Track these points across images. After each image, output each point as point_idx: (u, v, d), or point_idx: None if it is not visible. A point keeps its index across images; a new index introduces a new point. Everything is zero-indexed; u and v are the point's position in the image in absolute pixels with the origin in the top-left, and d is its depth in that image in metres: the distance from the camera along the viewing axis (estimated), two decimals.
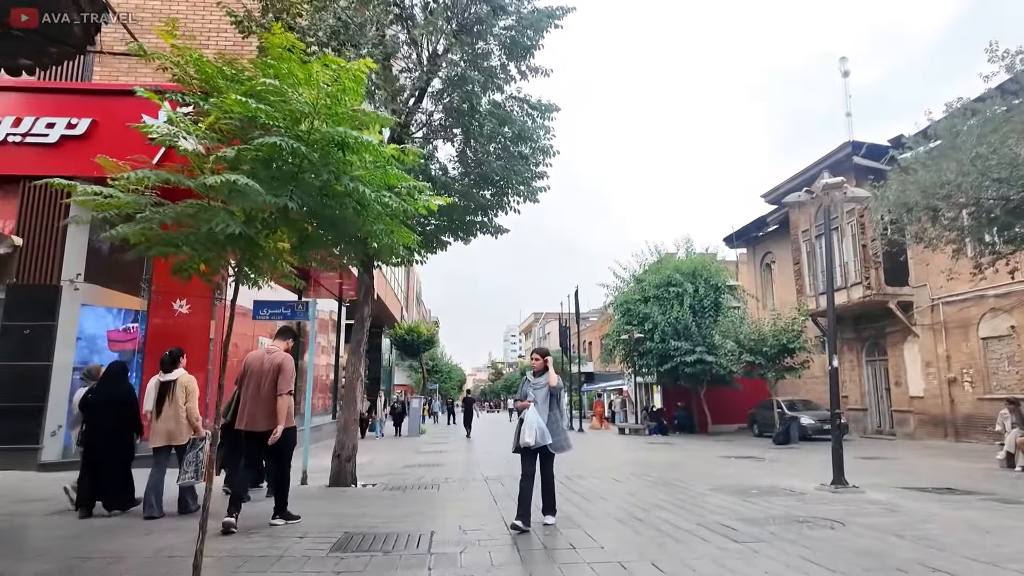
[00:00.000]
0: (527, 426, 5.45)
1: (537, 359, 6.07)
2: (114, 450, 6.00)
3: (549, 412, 5.62)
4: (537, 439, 5.40)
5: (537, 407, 5.57)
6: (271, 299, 9.73)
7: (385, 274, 27.04)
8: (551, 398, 5.69)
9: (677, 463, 11.82)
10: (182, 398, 5.97)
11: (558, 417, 5.75)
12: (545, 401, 5.66)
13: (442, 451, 15.14)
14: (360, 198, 3.77)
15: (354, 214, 4.06)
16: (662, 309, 23.43)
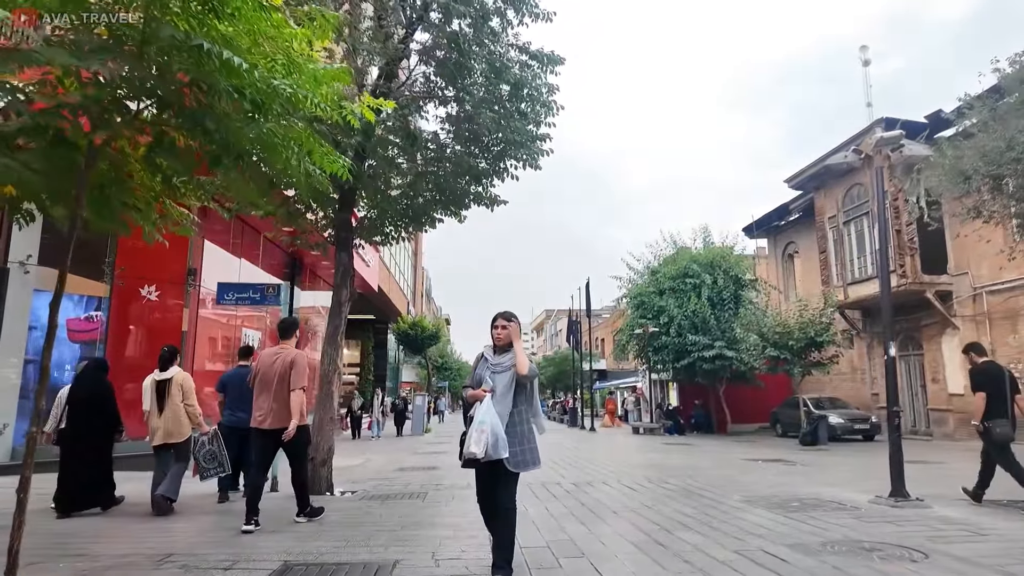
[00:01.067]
0: (475, 428, 3.59)
1: (501, 328, 3.96)
2: (94, 448, 5.91)
3: (513, 409, 3.79)
4: (488, 449, 3.52)
5: (495, 400, 3.71)
6: (240, 282, 8.71)
7: (388, 265, 26.01)
8: (518, 388, 3.84)
9: (698, 467, 10.62)
10: (179, 396, 5.97)
11: (525, 418, 3.88)
12: (508, 392, 3.78)
13: (442, 452, 14.04)
14: (231, 71, 2.56)
15: (232, 111, 2.81)
16: (678, 302, 22.16)
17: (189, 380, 6.16)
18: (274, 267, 14.74)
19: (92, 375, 6.17)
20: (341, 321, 7.87)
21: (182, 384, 6.06)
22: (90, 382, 6.09)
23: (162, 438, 5.91)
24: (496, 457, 3.56)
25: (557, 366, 49.58)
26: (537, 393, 4.06)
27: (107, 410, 6.06)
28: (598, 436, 20.93)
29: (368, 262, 19.03)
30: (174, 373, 6.10)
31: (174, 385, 6.00)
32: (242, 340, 12.48)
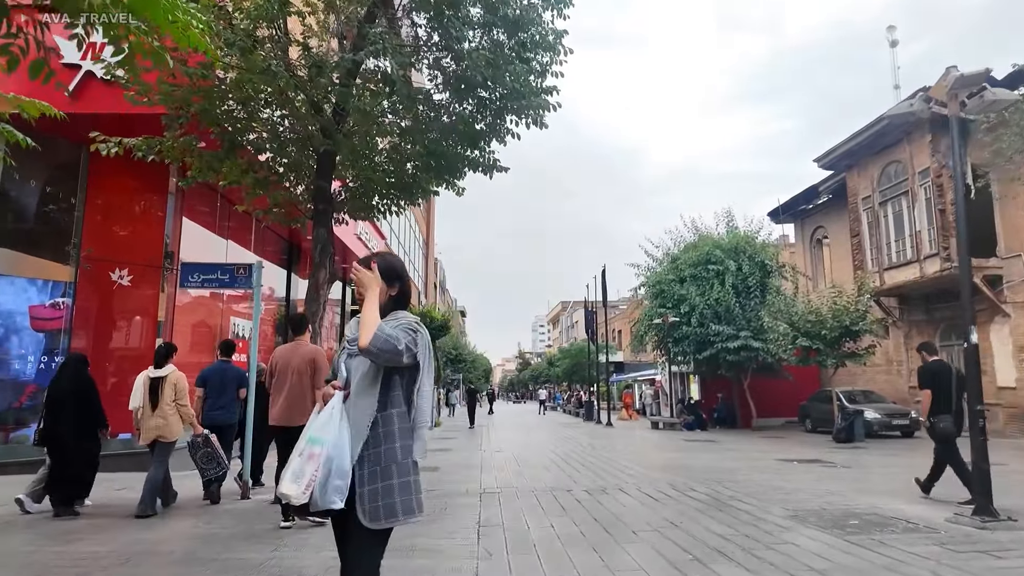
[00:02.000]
0: (299, 451, 2.03)
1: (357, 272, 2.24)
2: (77, 447, 5.73)
3: (380, 414, 2.11)
4: (313, 490, 1.98)
5: (349, 403, 2.12)
6: (204, 262, 7.79)
7: (396, 252, 25.12)
8: (388, 380, 2.13)
9: (727, 469, 9.53)
10: (170, 395, 5.85)
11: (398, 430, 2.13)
12: (371, 387, 2.11)
13: (446, 449, 13.10)
14: None
15: None
16: (700, 290, 20.93)
17: (183, 380, 6.02)
18: (269, 253, 13.84)
19: (73, 369, 5.93)
20: (319, 307, 6.92)
21: (175, 383, 5.92)
22: (72, 377, 5.85)
23: (152, 436, 5.80)
24: (326, 506, 1.98)
25: (573, 358, 48.46)
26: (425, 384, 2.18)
27: (91, 407, 5.87)
28: (615, 431, 19.87)
29: (372, 248, 18.13)
30: (169, 371, 5.96)
31: (167, 384, 5.87)
32: (231, 330, 11.61)
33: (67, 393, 5.72)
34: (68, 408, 5.69)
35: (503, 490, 7.43)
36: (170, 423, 5.84)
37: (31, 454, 8.40)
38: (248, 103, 6.20)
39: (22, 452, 8.31)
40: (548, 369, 61.61)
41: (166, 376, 5.92)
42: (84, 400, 5.80)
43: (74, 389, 5.77)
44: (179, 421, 5.93)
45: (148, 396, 5.85)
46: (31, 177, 8.78)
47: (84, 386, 5.88)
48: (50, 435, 5.67)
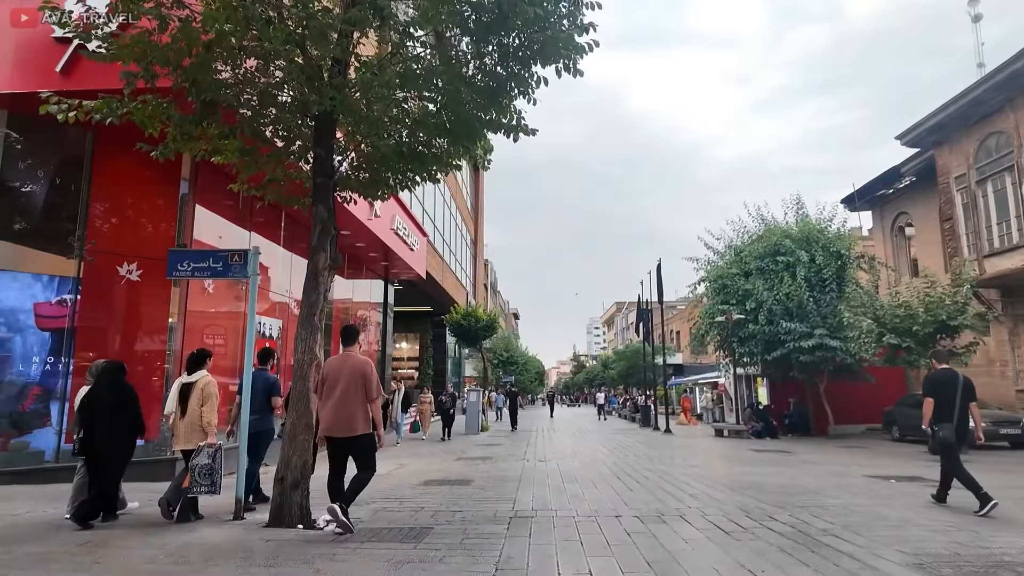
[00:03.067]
0: None
1: None
2: (115, 455, 5.71)
3: None
4: None
5: None
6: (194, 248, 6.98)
7: (440, 253, 24.32)
8: None
9: (810, 489, 8.02)
10: (197, 402, 5.80)
11: None
12: None
13: (486, 457, 12.01)
14: None
15: None
16: (768, 284, 19.10)
17: (212, 386, 5.94)
18: (302, 248, 13.14)
19: (111, 377, 5.84)
20: (319, 297, 5.95)
21: (203, 389, 5.86)
22: (111, 385, 5.78)
23: (182, 444, 5.85)
24: None
25: (628, 360, 46.61)
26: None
27: (132, 414, 5.83)
28: (675, 439, 18.30)
29: (413, 246, 17.29)
30: (198, 377, 5.93)
31: (195, 390, 5.85)
32: (257, 328, 10.91)
33: (106, 402, 5.63)
34: (105, 417, 5.60)
35: (538, 514, 6.25)
36: (197, 432, 5.80)
37: (29, 462, 7.86)
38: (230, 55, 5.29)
39: (23, 460, 7.75)
40: (603, 372, 59.81)
41: (195, 382, 5.88)
42: (123, 408, 5.73)
43: (114, 398, 5.69)
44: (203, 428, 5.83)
45: (179, 403, 5.86)
46: (34, 166, 8.27)
47: (124, 393, 5.80)
48: (89, 445, 5.59)
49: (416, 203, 20.23)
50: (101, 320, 8.51)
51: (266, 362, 7.21)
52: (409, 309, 29.13)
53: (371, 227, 13.49)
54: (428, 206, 22.43)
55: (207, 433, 5.80)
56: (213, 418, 5.88)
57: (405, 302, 27.02)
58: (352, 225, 13.03)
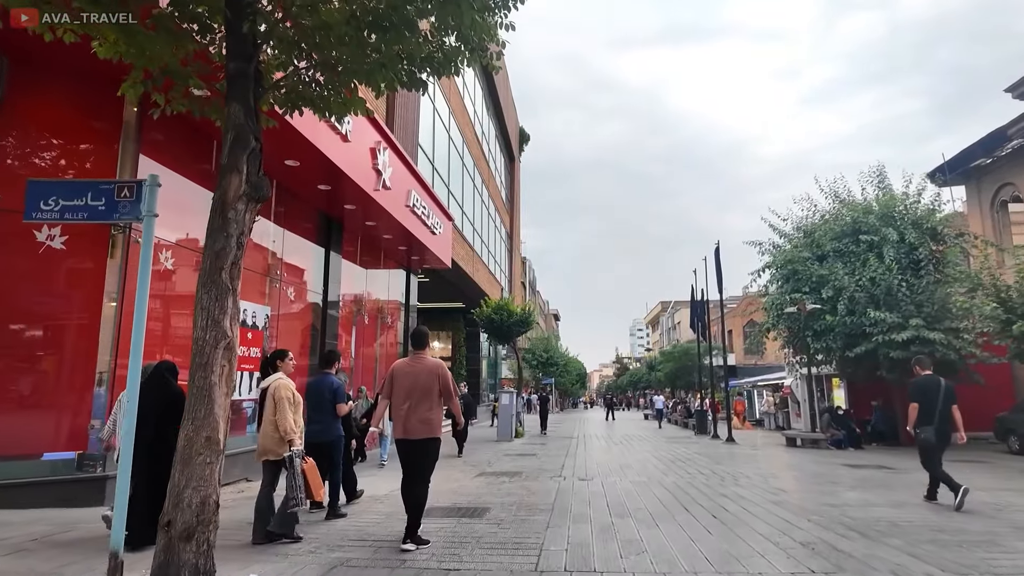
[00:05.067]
0: None
1: None
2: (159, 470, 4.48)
3: None
4: None
5: None
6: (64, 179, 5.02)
7: (470, 241, 22.26)
8: None
9: (979, 534, 5.54)
10: (270, 408, 5.28)
11: None
12: None
13: (516, 472, 9.78)
14: None
15: None
16: (849, 268, 16.33)
17: (283, 389, 5.37)
18: (297, 224, 11.25)
19: (162, 379, 5.21)
20: (229, 243, 3.86)
21: (273, 394, 5.35)
22: (162, 388, 5.14)
23: (259, 454, 5.38)
24: None
25: (677, 361, 43.63)
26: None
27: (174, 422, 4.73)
28: (739, 449, 15.67)
29: (435, 228, 15.25)
30: (272, 381, 5.47)
31: (268, 396, 5.38)
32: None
33: (150, 409, 4.80)
34: (159, 425, 4.87)
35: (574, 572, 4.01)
36: (271, 440, 5.29)
37: None
38: None
39: None
40: (648, 374, 56.77)
41: (268, 387, 5.44)
42: (171, 417, 4.70)
43: (160, 404, 4.98)
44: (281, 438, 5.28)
45: (259, 411, 5.55)
46: None
47: (172, 400, 4.98)
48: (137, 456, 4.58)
49: (439, 183, 18.22)
50: (5, 297, 6.65)
51: (330, 365, 6.81)
52: (439, 305, 27.22)
53: (381, 201, 11.47)
54: (455, 189, 20.41)
55: (289, 441, 5.24)
56: (290, 424, 5.26)
57: (434, 298, 25.09)
58: (357, 197, 11.05)
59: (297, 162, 9.24)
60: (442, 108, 18.85)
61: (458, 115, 20.92)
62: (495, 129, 30.54)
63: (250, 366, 9.28)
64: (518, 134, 37.21)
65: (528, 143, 39.92)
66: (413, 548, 4.87)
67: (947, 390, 7.31)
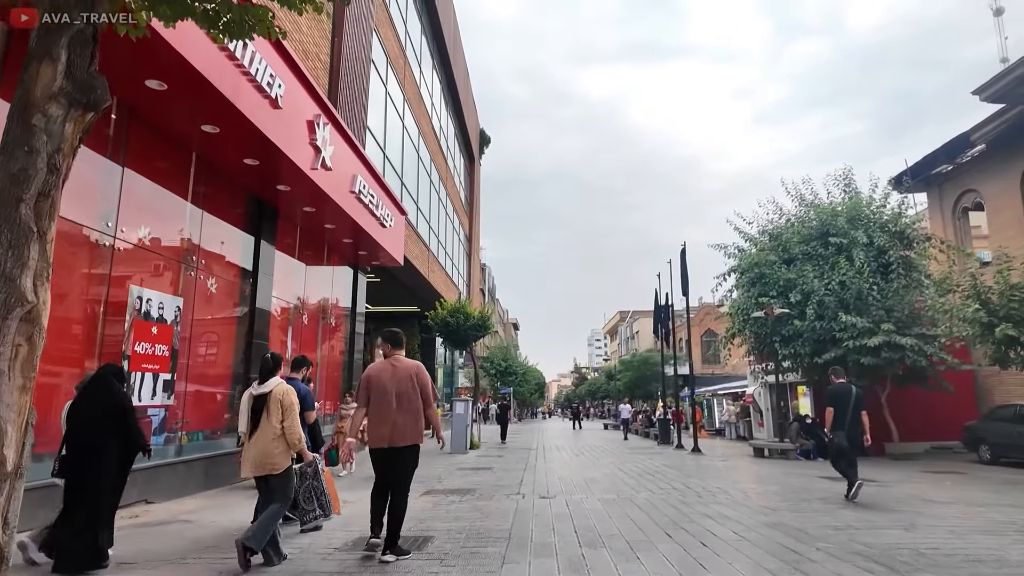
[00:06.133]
0: None
1: None
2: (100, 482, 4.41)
3: None
4: None
5: None
6: None
7: (425, 240, 20.98)
8: None
9: (967, 554, 4.69)
10: (276, 415, 4.75)
11: None
12: None
13: (469, 490, 8.55)
14: None
15: None
16: (818, 271, 15.80)
17: (292, 395, 4.88)
18: (221, 207, 9.83)
19: (105, 385, 4.63)
20: (35, 164, 2.59)
21: (281, 400, 4.79)
22: (105, 394, 4.57)
23: (252, 469, 4.72)
24: None
25: (636, 370, 43.14)
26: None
27: (130, 430, 4.62)
28: (707, 460, 14.82)
29: (386, 220, 13.94)
30: (274, 386, 4.87)
31: (272, 401, 4.77)
32: (134, 305, 7.51)
33: (100, 413, 4.46)
34: (99, 434, 4.43)
35: None
36: (273, 451, 4.70)
37: None
38: None
39: None
40: (607, 383, 56.24)
41: (271, 392, 4.81)
42: (123, 422, 4.55)
43: (110, 408, 4.51)
44: (287, 448, 4.75)
45: (251, 418, 4.79)
46: None
47: (121, 404, 4.59)
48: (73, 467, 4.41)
49: (391, 173, 16.93)
50: None
51: (298, 370, 6.34)
52: (391, 309, 25.75)
53: (320, 183, 10.15)
54: (410, 182, 19.13)
55: (298, 450, 4.86)
56: (300, 432, 4.88)
57: (385, 301, 23.64)
58: (292, 176, 9.69)
59: (216, 128, 7.87)
60: (395, 92, 17.60)
61: (414, 104, 19.69)
62: (454, 126, 29.40)
63: (155, 366, 7.81)
64: (479, 135, 36.17)
65: (489, 146, 38.93)
66: (393, 559, 4.63)
67: (858, 397, 8.07)
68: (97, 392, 4.60)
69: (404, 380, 4.84)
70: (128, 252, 7.47)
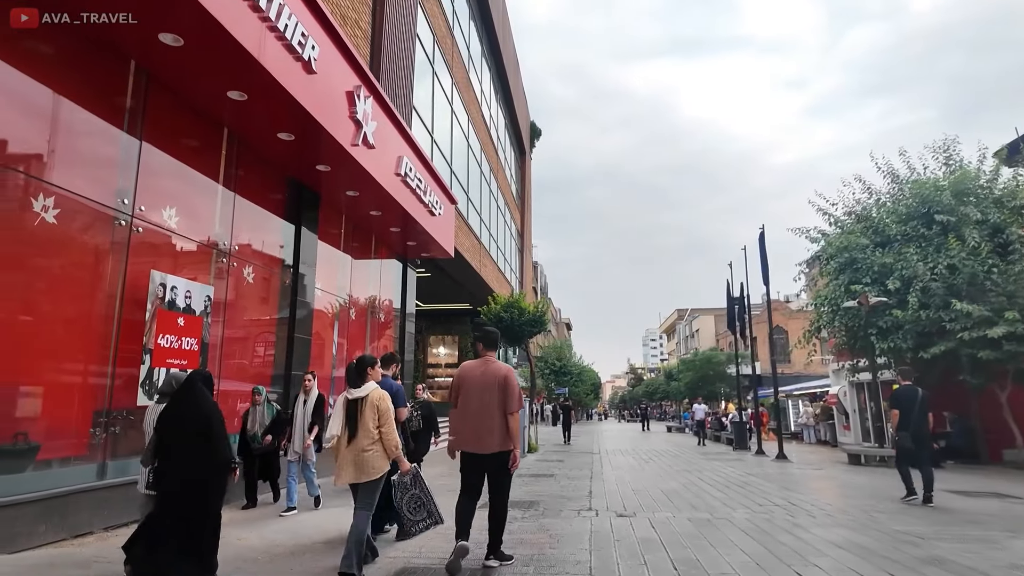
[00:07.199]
0: None
1: None
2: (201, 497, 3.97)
3: None
4: None
5: None
6: None
7: (476, 231, 19.99)
8: None
9: None
10: (372, 421, 4.52)
11: None
12: None
13: (531, 502, 7.38)
14: None
15: None
16: (922, 254, 13.90)
17: (387, 400, 4.65)
18: (257, 192, 9.03)
19: (194, 393, 4.14)
20: None
21: (378, 405, 4.55)
22: (195, 403, 4.09)
23: (352, 476, 4.44)
24: None
25: (698, 370, 41.00)
26: None
27: (220, 442, 4.11)
28: (798, 469, 13.16)
29: (435, 208, 12.98)
30: (369, 390, 4.61)
31: (368, 406, 4.53)
32: (156, 293, 6.71)
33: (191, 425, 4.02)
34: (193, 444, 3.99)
35: None
36: (371, 459, 4.46)
37: None
38: None
39: None
40: (667, 384, 54.05)
41: (366, 397, 4.55)
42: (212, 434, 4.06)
43: (200, 419, 4.05)
44: (384, 454, 4.52)
45: (346, 424, 4.52)
46: None
47: (212, 415, 4.11)
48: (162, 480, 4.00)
49: (440, 159, 15.98)
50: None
51: (387, 366, 5.91)
52: (443, 307, 24.99)
53: (363, 161, 9.22)
54: (460, 171, 18.16)
55: (394, 457, 4.58)
56: (396, 438, 4.59)
57: (436, 298, 22.86)
58: (331, 154, 8.79)
59: (243, 94, 7.00)
60: (443, 73, 16.63)
61: (462, 88, 18.73)
62: (504, 116, 28.37)
63: (182, 361, 7.00)
64: (529, 127, 35.05)
65: (539, 138, 37.77)
66: (497, 564, 4.58)
67: (923, 399, 8.31)
68: (183, 399, 4.17)
69: (490, 383, 4.66)
70: (149, 234, 6.67)
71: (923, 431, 8.25)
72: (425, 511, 4.81)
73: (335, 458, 4.62)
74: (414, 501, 4.80)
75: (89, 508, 5.61)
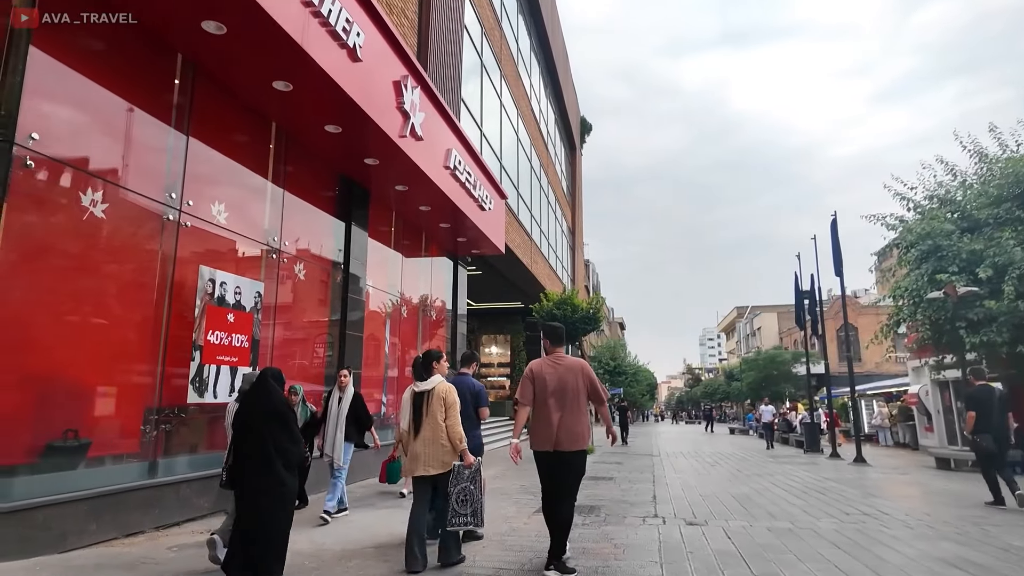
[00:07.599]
0: None
1: None
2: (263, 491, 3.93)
3: None
4: None
5: None
6: None
7: (526, 227, 19.60)
8: None
9: None
10: (439, 413, 4.62)
11: None
12: None
13: (592, 508, 6.93)
14: None
15: None
16: (1018, 239, 12.63)
17: (453, 393, 4.72)
18: (306, 188, 8.92)
19: (268, 387, 4.18)
20: None
21: (445, 398, 4.64)
22: (268, 396, 4.14)
23: (424, 467, 4.55)
24: None
25: (761, 369, 39.31)
26: None
27: (294, 435, 4.13)
28: (880, 474, 12.15)
29: (485, 203, 12.68)
30: (436, 383, 4.72)
31: (435, 399, 4.63)
32: (206, 289, 6.61)
33: (258, 422, 4.02)
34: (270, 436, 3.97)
35: None
36: (441, 450, 4.55)
37: None
38: None
39: None
40: (727, 384, 52.19)
41: (432, 389, 4.67)
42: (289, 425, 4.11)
43: (276, 410, 4.08)
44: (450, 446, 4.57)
45: (412, 417, 4.67)
46: None
47: (280, 409, 4.12)
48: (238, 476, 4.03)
49: (489, 154, 15.67)
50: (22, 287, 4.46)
51: (467, 365, 5.89)
52: (494, 306, 24.72)
53: (411, 154, 9.00)
54: (510, 166, 17.82)
55: (459, 451, 4.58)
56: (461, 431, 4.62)
57: (488, 297, 22.60)
58: (379, 147, 8.59)
59: (288, 84, 6.84)
60: (491, 66, 16.33)
61: (511, 82, 18.39)
62: (554, 111, 27.89)
63: (233, 358, 6.90)
64: (579, 123, 34.44)
65: (590, 134, 37.09)
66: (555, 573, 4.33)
67: (1002, 398, 8.13)
68: (265, 396, 4.18)
69: (568, 379, 4.53)
70: (197, 230, 6.58)
71: (1004, 432, 7.94)
72: (471, 509, 4.63)
73: (403, 451, 4.75)
74: (464, 496, 4.65)
75: (139, 507, 5.51)
